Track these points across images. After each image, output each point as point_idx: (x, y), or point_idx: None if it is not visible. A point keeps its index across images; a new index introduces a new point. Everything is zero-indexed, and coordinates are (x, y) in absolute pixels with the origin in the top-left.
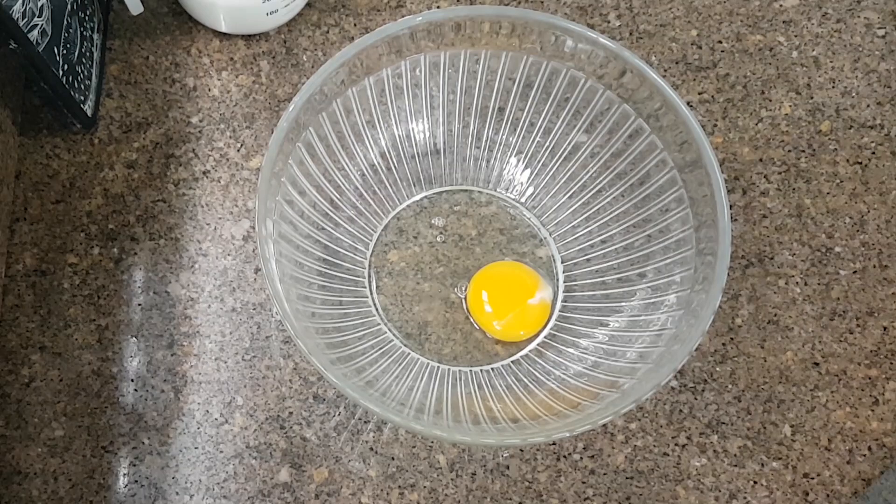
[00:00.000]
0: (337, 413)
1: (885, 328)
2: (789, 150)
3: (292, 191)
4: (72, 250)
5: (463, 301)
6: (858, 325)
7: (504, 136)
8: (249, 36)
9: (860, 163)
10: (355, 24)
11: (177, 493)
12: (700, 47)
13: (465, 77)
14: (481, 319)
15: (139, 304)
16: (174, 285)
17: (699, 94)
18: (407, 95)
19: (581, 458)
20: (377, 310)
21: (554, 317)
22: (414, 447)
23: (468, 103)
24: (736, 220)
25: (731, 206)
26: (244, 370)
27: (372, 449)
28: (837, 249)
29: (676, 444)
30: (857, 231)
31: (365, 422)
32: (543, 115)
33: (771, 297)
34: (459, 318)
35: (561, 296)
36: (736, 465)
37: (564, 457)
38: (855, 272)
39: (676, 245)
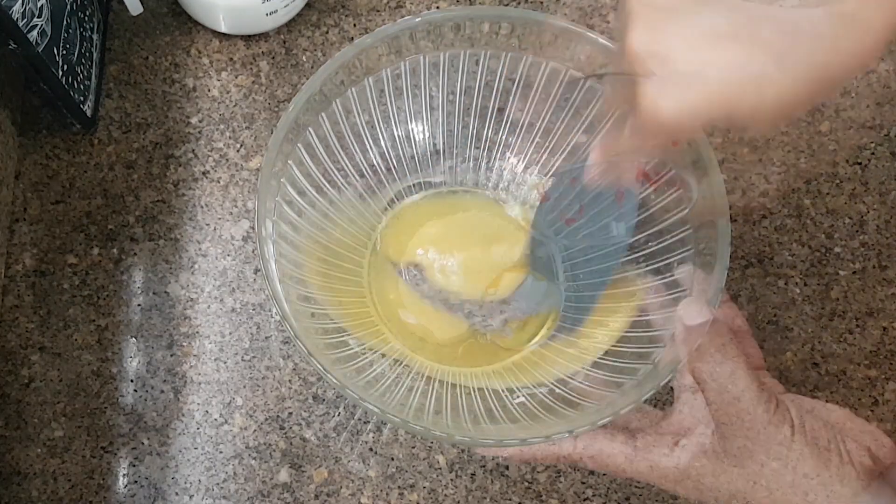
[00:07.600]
0: (336, 413)
1: (884, 328)
2: (789, 151)
3: (292, 191)
4: (71, 251)
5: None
6: (858, 326)
7: (504, 137)
8: (249, 36)
9: (860, 163)
10: (355, 25)
11: (176, 494)
12: None
13: (465, 77)
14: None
15: (139, 305)
16: (174, 286)
17: None
18: (406, 96)
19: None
20: (377, 310)
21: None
22: (413, 447)
23: (468, 104)
24: (736, 220)
25: (730, 206)
26: (244, 371)
27: (371, 449)
28: (837, 250)
29: None
30: (857, 231)
31: (364, 422)
32: (543, 116)
33: (770, 298)
34: None
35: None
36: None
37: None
38: (854, 272)
39: (676, 245)
